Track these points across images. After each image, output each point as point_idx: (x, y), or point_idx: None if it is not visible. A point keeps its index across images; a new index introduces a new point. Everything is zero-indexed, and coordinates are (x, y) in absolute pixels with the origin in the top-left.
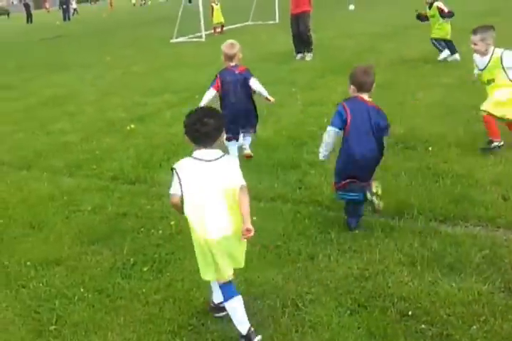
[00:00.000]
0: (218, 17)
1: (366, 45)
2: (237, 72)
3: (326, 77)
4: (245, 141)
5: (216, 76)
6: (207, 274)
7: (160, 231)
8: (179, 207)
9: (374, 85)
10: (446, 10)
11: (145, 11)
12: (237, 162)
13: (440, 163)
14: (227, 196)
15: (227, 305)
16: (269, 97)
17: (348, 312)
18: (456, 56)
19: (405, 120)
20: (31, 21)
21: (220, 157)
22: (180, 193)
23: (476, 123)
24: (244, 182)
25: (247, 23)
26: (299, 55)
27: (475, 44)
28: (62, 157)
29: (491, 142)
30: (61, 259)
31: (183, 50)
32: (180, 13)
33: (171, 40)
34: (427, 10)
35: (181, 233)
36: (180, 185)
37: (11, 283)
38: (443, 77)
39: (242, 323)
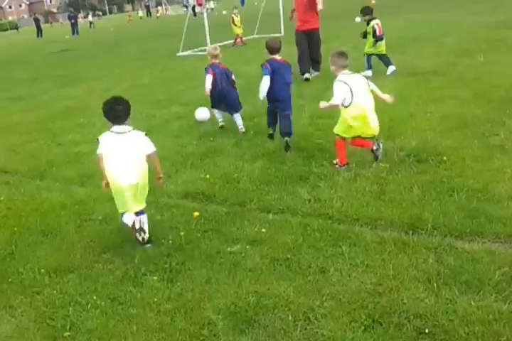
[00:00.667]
0: (239, 28)
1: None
2: (221, 66)
3: None
4: (236, 118)
5: (207, 68)
6: (120, 208)
7: (170, 241)
8: (101, 165)
9: (282, 49)
10: (378, 32)
11: (153, 24)
12: (143, 134)
13: (454, 177)
14: (134, 157)
15: (124, 217)
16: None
17: (363, 327)
18: (393, 67)
19: (417, 133)
20: (41, 35)
21: (129, 131)
22: (101, 155)
23: (492, 137)
24: (152, 150)
25: (253, 37)
26: (307, 75)
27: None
28: (73, 167)
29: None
30: (74, 267)
31: (189, 63)
32: (185, 28)
33: (177, 54)
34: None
35: (191, 243)
36: (102, 149)
37: (26, 289)
38: (456, 89)
39: (143, 233)
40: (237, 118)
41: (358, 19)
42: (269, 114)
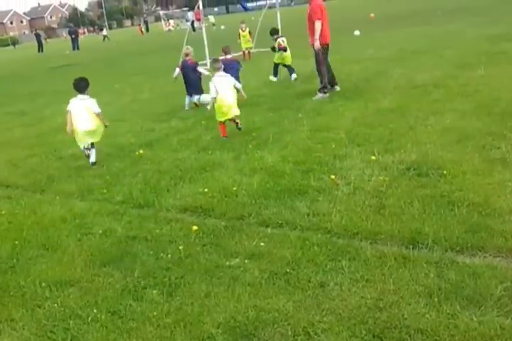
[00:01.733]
0: (246, 42)
1: (374, 69)
2: (189, 62)
3: (334, 102)
4: (195, 98)
5: (180, 63)
6: (79, 142)
7: (169, 255)
8: (68, 117)
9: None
10: (282, 46)
11: (153, 39)
12: (94, 101)
13: (455, 191)
14: (90, 114)
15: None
16: (206, 72)
17: None
18: (294, 75)
19: (417, 146)
20: (42, 50)
21: (87, 99)
22: (69, 111)
23: (493, 150)
24: (97, 111)
25: (251, 51)
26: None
27: None
28: (74, 181)
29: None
30: (74, 280)
31: None
32: (185, 42)
33: (177, 68)
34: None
35: (190, 257)
36: (70, 107)
37: (27, 302)
38: (456, 102)
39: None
40: (197, 98)
41: (356, 32)
42: None
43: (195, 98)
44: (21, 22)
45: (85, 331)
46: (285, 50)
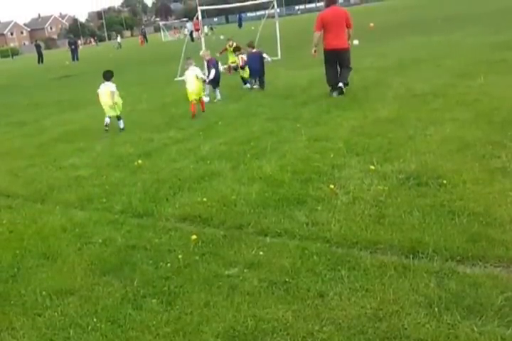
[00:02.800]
0: (232, 57)
1: (373, 79)
2: (213, 59)
3: (332, 112)
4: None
5: (208, 60)
6: (106, 113)
7: (168, 264)
8: (99, 98)
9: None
10: (241, 63)
11: (151, 49)
12: (113, 85)
13: (455, 200)
14: (111, 93)
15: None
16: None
17: None
18: (248, 85)
19: (416, 155)
20: (42, 61)
21: (109, 84)
22: (98, 92)
23: (493, 159)
24: (112, 90)
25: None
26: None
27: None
28: (74, 191)
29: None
30: (74, 289)
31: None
32: (183, 53)
33: (175, 79)
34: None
35: (189, 266)
36: (99, 90)
37: (27, 311)
38: (456, 111)
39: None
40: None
41: (355, 42)
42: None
43: (216, 91)
44: (21, 33)
45: (85, 340)
46: (242, 68)
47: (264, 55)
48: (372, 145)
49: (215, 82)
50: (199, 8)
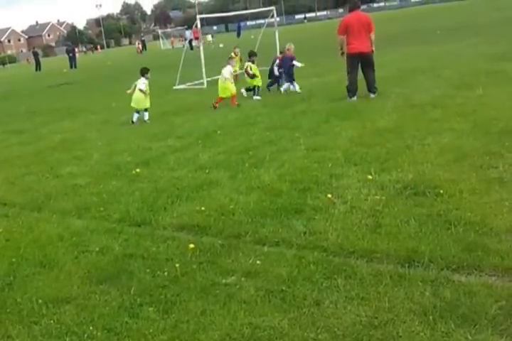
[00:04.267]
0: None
1: None
2: (288, 56)
3: (331, 122)
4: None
5: (280, 58)
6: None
7: (165, 273)
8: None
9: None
10: (250, 73)
11: (150, 57)
12: (143, 82)
13: (452, 210)
14: (137, 89)
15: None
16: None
17: None
18: (285, 87)
19: (414, 165)
20: (40, 69)
21: (142, 79)
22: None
23: (490, 169)
24: (140, 88)
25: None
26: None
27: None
28: (71, 199)
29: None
30: (71, 297)
31: (185, 96)
32: (182, 61)
33: (174, 87)
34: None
35: (186, 275)
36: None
37: (23, 319)
38: (454, 121)
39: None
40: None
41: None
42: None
43: (290, 85)
44: (19, 40)
45: None
46: (252, 77)
47: (295, 62)
48: (371, 155)
49: (289, 77)
50: (198, 16)
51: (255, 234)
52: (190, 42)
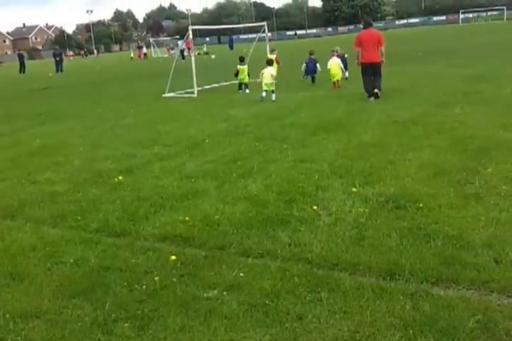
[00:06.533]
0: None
1: (357, 105)
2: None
3: (318, 134)
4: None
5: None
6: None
7: (144, 287)
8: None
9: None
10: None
11: (142, 65)
12: (273, 69)
13: (431, 224)
14: (271, 76)
15: None
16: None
17: None
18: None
19: (396, 179)
20: (24, 71)
21: (271, 68)
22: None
23: (467, 185)
24: (273, 72)
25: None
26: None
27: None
28: (47, 207)
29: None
30: (41, 312)
31: (175, 104)
32: (172, 70)
33: (164, 95)
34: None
35: (166, 289)
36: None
37: None
38: (434, 138)
39: None
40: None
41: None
42: None
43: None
44: (4, 42)
45: None
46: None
47: (317, 64)
48: (355, 168)
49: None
50: (190, 27)
51: (240, 245)
52: (182, 51)
